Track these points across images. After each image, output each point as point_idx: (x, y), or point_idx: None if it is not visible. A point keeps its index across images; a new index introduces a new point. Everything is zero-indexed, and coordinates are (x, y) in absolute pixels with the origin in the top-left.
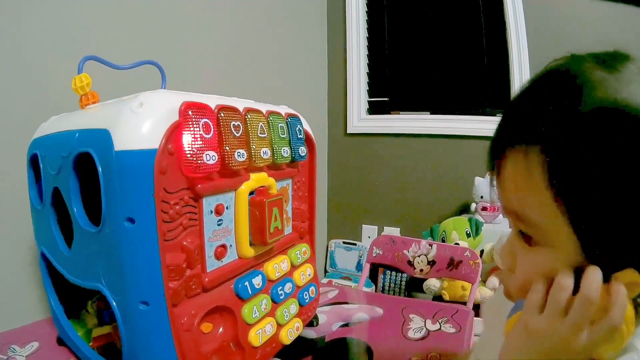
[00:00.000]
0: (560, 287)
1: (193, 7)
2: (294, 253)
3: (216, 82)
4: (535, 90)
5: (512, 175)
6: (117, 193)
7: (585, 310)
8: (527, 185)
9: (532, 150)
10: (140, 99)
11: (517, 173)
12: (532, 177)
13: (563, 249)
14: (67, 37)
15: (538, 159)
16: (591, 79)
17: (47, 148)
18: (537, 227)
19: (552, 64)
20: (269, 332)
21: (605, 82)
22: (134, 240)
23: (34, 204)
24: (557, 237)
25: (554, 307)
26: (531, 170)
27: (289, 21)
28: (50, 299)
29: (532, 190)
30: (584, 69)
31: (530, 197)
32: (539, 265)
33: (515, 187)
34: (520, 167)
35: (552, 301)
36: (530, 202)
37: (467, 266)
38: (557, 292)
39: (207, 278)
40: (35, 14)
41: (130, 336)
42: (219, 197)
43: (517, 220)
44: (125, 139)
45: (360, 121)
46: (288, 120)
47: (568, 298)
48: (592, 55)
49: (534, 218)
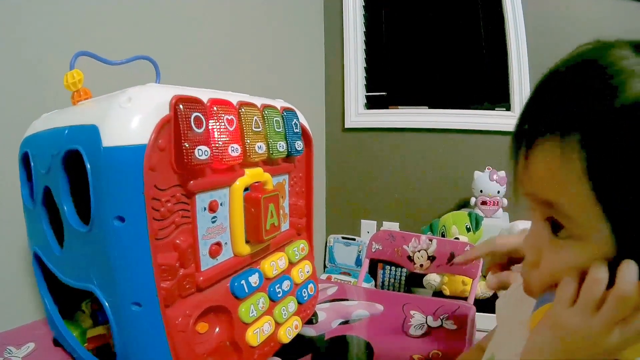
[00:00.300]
0: (595, 281)
1: (188, 2)
2: (292, 250)
3: (212, 77)
4: (569, 77)
5: (546, 164)
6: (106, 191)
7: (619, 306)
8: (563, 174)
9: (569, 139)
10: (129, 93)
11: (552, 162)
12: (569, 167)
13: (596, 243)
14: (61, 33)
15: (576, 149)
16: (629, 68)
17: (38, 146)
18: (571, 218)
19: (582, 50)
20: (267, 331)
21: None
22: (124, 240)
23: (26, 204)
24: (591, 230)
25: (586, 301)
26: (568, 159)
27: (285, 15)
28: (45, 299)
29: (568, 180)
30: (621, 57)
31: (566, 187)
32: (570, 259)
33: (549, 176)
34: (555, 156)
35: (585, 295)
36: (566, 192)
37: None
38: (591, 286)
39: (201, 277)
40: (29, 11)
41: (123, 338)
42: (213, 194)
43: (550, 209)
44: (114, 134)
45: (358, 116)
46: (284, 114)
47: (601, 293)
48: (627, 42)
49: (568, 209)
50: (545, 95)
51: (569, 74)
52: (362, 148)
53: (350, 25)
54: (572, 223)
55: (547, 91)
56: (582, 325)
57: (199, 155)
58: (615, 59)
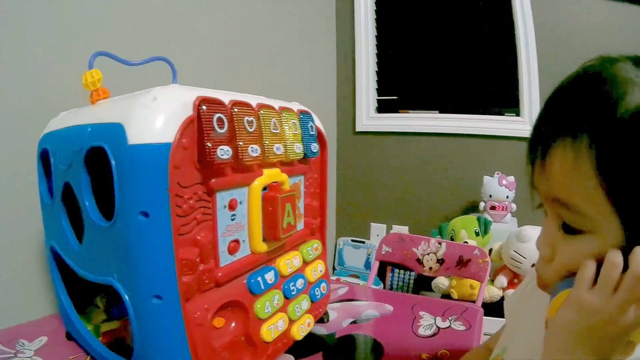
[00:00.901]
0: (612, 264)
1: (203, 4)
2: (306, 249)
3: (226, 80)
4: (577, 88)
5: (560, 165)
6: (131, 187)
7: (634, 287)
8: (575, 174)
9: (579, 141)
10: (153, 93)
11: (565, 163)
12: (580, 167)
13: (607, 236)
14: (77, 33)
15: (586, 150)
16: (631, 77)
17: (58, 143)
18: (584, 214)
19: (587, 64)
20: (280, 328)
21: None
22: (147, 235)
23: (44, 199)
24: (602, 223)
25: (605, 282)
26: (579, 160)
27: (297, 19)
28: (60, 294)
29: (580, 179)
30: (623, 69)
31: (578, 185)
32: (583, 251)
33: (563, 176)
34: (568, 158)
35: (603, 277)
36: (578, 190)
37: (475, 265)
38: (608, 269)
39: (220, 273)
40: (45, 10)
41: (142, 330)
42: (233, 192)
43: (563, 208)
44: (139, 133)
45: (369, 120)
46: (300, 116)
47: (618, 275)
48: (628, 58)
49: (581, 205)
50: (556, 105)
51: (577, 85)
52: (373, 152)
53: (362, 30)
54: (584, 218)
55: (557, 101)
56: (602, 305)
57: (220, 154)
58: (618, 71)
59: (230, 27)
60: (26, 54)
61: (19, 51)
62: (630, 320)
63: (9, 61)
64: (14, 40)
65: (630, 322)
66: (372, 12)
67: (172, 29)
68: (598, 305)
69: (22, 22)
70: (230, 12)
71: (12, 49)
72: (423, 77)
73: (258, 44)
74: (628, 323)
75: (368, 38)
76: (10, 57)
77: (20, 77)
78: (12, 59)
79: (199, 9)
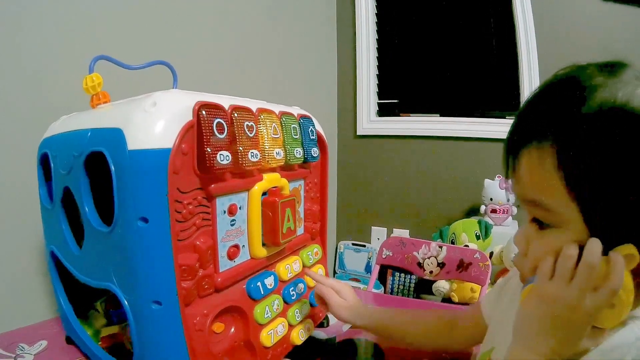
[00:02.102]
0: (566, 256)
1: (203, 8)
2: (306, 254)
3: (226, 84)
4: (545, 94)
5: (528, 167)
6: (130, 192)
7: (587, 274)
8: (540, 174)
9: (544, 144)
10: (153, 98)
11: (531, 165)
12: (545, 167)
13: (572, 229)
14: (78, 37)
15: (550, 151)
16: (593, 83)
17: (58, 147)
18: (550, 210)
19: (559, 72)
20: (280, 333)
21: (606, 85)
22: (146, 240)
23: (44, 203)
24: (567, 218)
25: (561, 273)
26: (544, 161)
27: (298, 23)
28: (60, 298)
29: (545, 178)
30: (587, 75)
31: (543, 184)
32: (552, 244)
33: (530, 177)
34: (534, 160)
35: (559, 268)
36: (543, 188)
37: (476, 268)
38: (563, 261)
39: (219, 278)
40: (46, 13)
41: (141, 335)
42: (232, 197)
43: (533, 207)
44: (139, 138)
45: (370, 123)
46: (300, 121)
47: (573, 266)
48: (594, 64)
49: (547, 202)
50: (526, 111)
51: (545, 92)
52: (373, 155)
53: (363, 33)
54: (551, 213)
55: (527, 107)
56: (560, 294)
57: (220, 160)
58: (584, 76)
59: (232, 31)
60: (27, 58)
61: (20, 55)
62: (589, 307)
63: (10, 64)
64: (16, 44)
65: (588, 308)
66: (372, 15)
67: (173, 32)
68: (556, 294)
69: (23, 26)
70: (231, 17)
71: (14, 53)
72: (424, 81)
73: (259, 48)
74: (587, 309)
75: (369, 41)
76: (12, 60)
77: (21, 81)
78: (13, 62)
79: (200, 13)
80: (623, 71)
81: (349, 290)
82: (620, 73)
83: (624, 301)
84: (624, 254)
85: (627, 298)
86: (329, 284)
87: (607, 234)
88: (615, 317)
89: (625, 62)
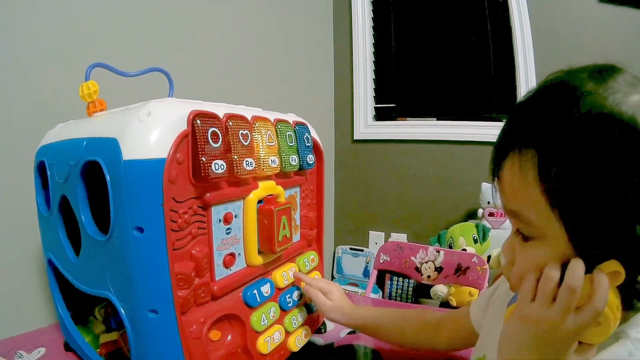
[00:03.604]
0: (548, 278)
1: (200, 15)
2: (302, 261)
3: (223, 90)
4: (532, 100)
5: (510, 177)
6: (126, 202)
7: (569, 297)
8: (521, 185)
9: (526, 153)
10: (148, 107)
11: (513, 174)
12: (526, 178)
13: (555, 243)
14: (74, 44)
15: (531, 161)
16: (582, 89)
17: (55, 156)
18: (531, 223)
19: (549, 77)
20: (277, 340)
21: (595, 91)
22: (142, 249)
23: (41, 211)
24: (549, 231)
25: (543, 295)
26: (525, 171)
27: (295, 29)
28: (58, 305)
29: (526, 190)
30: (577, 81)
31: (524, 196)
32: (534, 258)
33: (511, 187)
34: (515, 169)
35: (541, 290)
36: (524, 200)
37: (474, 272)
38: (545, 282)
39: (215, 286)
40: (42, 21)
41: (139, 344)
42: (228, 206)
43: (515, 218)
44: (134, 148)
45: (367, 127)
46: (296, 128)
47: (555, 287)
48: (585, 68)
49: (528, 215)
50: (512, 117)
51: (534, 96)
52: (371, 159)
53: (359, 37)
54: (531, 226)
55: (514, 113)
56: (542, 315)
57: (215, 169)
58: (574, 81)
59: (228, 37)
60: (24, 64)
61: (18, 62)
62: (571, 327)
63: (7, 71)
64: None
65: (571, 328)
66: (369, 20)
67: (169, 39)
68: (538, 317)
69: (20, 33)
70: (227, 23)
71: (11, 59)
72: (420, 85)
73: (255, 54)
74: (569, 330)
75: (365, 46)
76: (9, 67)
77: (18, 88)
78: (10, 69)
79: (196, 20)
80: (615, 76)
81: (337, 291)
82: (612, 78)
83: (610, 318)
84: (609, 272)
85: (613, 315)
86: (317, 285)
87: (592, 249)
88: (601, 333)
89: (618, 66)
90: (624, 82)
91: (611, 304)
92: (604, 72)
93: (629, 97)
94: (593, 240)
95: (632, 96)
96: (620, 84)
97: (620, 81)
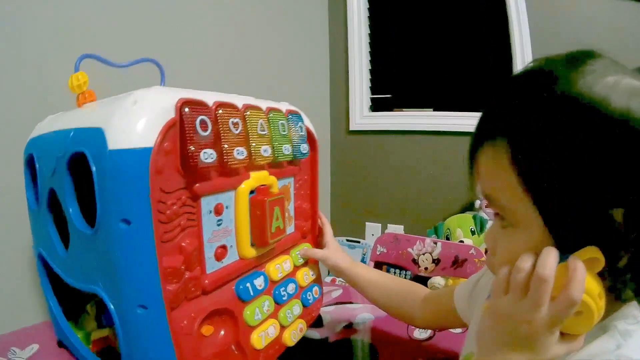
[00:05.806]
0: (518, 270)
1: (192, 4)
2: (297, 253)
3: (216, 80)
4: (506, 88)
5: (484, 164)
6: (112, 193)
7: (540, 287)
8: (496, 171)
9: (499, 141)
10: (134, 96)
11: (487, 161)
12: (500, 164)
13: (531, 229)
14: (65, 35)
15: (504, 148)
16: (555, 74)
17: (43, 148)
18: (507, 209)
19: (528, 65)
20: (271, 334)
21: (566, 76)
22: (129, 242)
23: (31, 206)
24: (524, 218)
25: (514, 287)
26: (499, 157)
27: (289, 17)
28: (49, 301)
29: (500, 176)
30: (553, 67)
31: (499, 182)
32: (512, 246)
33: (486, 174)
34: (490, 156)
35: (512, 283)
36: (499, 186)
37: (472, 264)
38: (515, 274)
39: (206, 280)
40: (33, 12)
41: (128, 340)
42: (218, 197)
43: (492, 204)
44: (119, 137)
45: (363, 118)
46: (289, 117)
47: (526, 278)
48: (563, 55)
49: (502, 199)
50: (490, 103)
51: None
52: (367, 150)
53: (355, 28)
54: (507, 212)
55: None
56: (514, 309)
57: (204, 158)
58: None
59: (222, 27)
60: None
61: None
62: (546, 319)
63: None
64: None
65: (547, 320)
66: (365, 9)
67: (160, 29)
68: (509, 311)
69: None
70: (221, 12)
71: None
72: (417, 75)
73: (249, 43)
74: (544, 322)
75: (361, 35)
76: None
77: (9, 80)
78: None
79: (188, 9)
80: (590, 61)
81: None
82: (587, 63)
83: (592, 307)
84: (586, 258)
85: (595, 303)
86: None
87: (568, 235)
88: (584, 324)
89: (596, 52)
90: (600, 66)
91: (591, 291)
92: (580, 57)
93: (603, 78)
94: (567, 224)
95: (606, 78)
96: (595, 67)
97: (596, 65)
